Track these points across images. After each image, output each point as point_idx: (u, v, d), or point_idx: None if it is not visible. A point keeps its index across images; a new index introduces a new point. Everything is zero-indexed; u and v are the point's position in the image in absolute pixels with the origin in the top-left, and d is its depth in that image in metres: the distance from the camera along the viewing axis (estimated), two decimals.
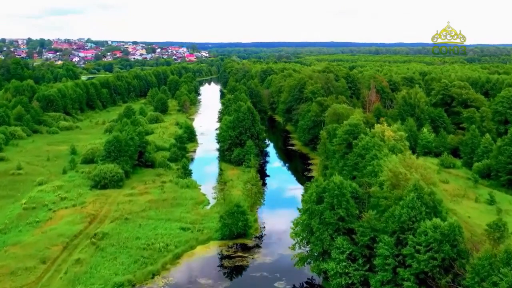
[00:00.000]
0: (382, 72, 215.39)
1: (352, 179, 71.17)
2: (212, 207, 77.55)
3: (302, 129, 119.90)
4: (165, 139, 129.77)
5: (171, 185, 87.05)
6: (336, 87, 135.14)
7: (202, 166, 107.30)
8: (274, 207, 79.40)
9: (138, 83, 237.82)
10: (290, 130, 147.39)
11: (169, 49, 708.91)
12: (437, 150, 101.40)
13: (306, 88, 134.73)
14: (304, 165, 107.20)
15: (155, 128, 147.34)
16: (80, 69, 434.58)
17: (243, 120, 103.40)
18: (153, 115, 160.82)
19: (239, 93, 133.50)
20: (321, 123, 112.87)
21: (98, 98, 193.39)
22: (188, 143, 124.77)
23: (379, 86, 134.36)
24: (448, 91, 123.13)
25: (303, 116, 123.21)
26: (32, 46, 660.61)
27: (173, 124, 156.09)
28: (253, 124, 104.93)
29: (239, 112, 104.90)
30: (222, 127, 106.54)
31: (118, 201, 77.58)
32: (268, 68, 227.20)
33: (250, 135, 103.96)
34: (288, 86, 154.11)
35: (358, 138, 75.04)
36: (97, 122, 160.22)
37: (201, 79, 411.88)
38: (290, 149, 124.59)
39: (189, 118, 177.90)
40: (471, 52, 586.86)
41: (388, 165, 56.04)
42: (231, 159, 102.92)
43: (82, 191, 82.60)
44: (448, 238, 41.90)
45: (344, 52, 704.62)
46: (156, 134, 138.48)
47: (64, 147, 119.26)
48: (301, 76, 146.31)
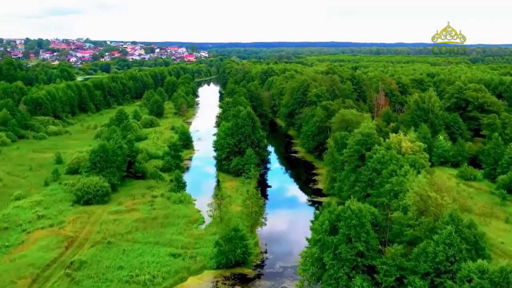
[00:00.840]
0: (387, 73, 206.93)
1: (366, 197, 62.78)
2: (208, 226, 69.03)
3: (306, 135, 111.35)
4: (159, 145, 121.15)
5: (163, 200, 78.49)
6: (341, 89, 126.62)
7: (197, 177, 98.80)
8: (277, 227, 70.67)
9: (134, 85, 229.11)
10: (292, 135, 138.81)
11: (168, 49, 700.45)
12: (454, 160, 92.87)
13: (310, 90, 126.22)
14: (309, 175, 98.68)
15: (149, 133, 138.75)
16: (77, 69, 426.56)
17: (242, 127, 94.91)
18: (147, 119, 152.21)
19: (238, 96, 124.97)
20: (326, 129, 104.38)
21: (91, 101, 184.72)
22: (184, 150, 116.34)
23: (387, 88, 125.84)
24: (462, 94, 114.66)
25: (306, 121, 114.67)
26: (30, 46, 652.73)
27: (168, 129, 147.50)
28: (253, 130, 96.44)
29: (238, 117, 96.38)
30: (220, 134, 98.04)
31: (101, 220, 69.01)
32: (269, 69, 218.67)
33: (250, 143, 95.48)
34: (290, 88, 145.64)
35: (372, 150, 66.63)
36: (88, 127, 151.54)
37: (200, 80, 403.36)
38: (293, 156, 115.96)
39: (186, 121, 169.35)
40: (474, 52, 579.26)
41: (413, 186, 47.52)
42: (229, 169, 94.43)
43: (63, 208, 74.04)
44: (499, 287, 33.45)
45: (345, 52, 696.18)
46: (150, 140, 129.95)
47: (50, 154, 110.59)
48: (304, 78, 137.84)
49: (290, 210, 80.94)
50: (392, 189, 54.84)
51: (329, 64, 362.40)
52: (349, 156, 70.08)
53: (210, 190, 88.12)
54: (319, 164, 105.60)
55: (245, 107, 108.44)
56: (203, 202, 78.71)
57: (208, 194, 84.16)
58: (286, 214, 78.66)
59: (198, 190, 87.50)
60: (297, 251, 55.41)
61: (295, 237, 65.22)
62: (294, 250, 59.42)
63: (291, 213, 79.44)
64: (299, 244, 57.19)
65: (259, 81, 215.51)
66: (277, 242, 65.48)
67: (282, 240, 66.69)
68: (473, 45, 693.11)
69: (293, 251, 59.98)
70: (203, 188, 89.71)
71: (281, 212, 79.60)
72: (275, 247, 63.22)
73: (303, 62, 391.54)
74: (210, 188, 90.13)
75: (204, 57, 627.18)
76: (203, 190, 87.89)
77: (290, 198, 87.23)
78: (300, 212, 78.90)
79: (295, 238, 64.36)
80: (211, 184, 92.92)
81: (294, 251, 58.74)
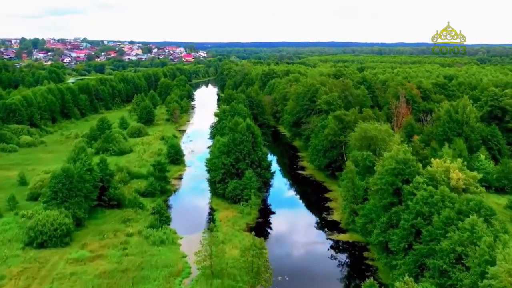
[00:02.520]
0: (399, 75, 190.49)
1: (407, 249, 46.32)
2: (195, 281, 52.53)
3: (316, 150, 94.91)
4: (144, 160, 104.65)
5: (139, 241, 62.01)
6: (355, 95, 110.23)
7: (186, 203, 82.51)
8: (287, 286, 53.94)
9: (124, 87, 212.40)
10: (298, 147, 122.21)
11: (166, 49, 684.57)
12: (499, 184, 76.50)
13: (319, 97, 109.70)
14: (321, 199, 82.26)
15: (135, 144, 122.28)
16: (70, 70, 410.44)
17: (241, 143, 78.47)
18: (134, 127, 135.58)
19: (237, 102, 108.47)
20: (340, 145, 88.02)
21: (76, 106, 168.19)
22: (173, 167, 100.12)
23: (408, 94, 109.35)
24: (498, 102, 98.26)
25: (316, 134, 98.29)
26: (25, 46, 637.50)
27: (158, 139, 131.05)
28: (254, 147, 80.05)
29: (235, 131, 79.95)
30: (214, 152, 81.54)
31: (55, 274, 52.47)
32: (270, 71, 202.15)
33: (250, 163, 79.12)
34: (295, 93, 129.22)
35: (412, 183, 50.15)
36: (68, 136, 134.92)
37: (198, 81, 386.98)
38: (300, 174, 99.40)
39: (179, 129, 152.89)
40: (480, 53, 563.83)
41: (500, 258, 31.10)
42: (225, 194, 78.02)
43: (11, 253, 57.57)
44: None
45: (346, 52, 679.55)
46: (135, 152, 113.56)
47: (15, 172, 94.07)
48: (311, 82, 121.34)
49: (303, 254, 64.04)
50: (453, 249, 38.45)
51: (333, 65, 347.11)
52: (379, 189, 53.63)
53: (200, 223, 71.46)
54: (332, 185, 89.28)
55: (244, 117, 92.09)
56: (191, 241, 62.09)
57: (198, 229, 67.11)
58: (298, 261, 61.82)
59: (185, 223, 71.16)
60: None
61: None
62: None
63: (305, 259, 62.53)
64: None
65: (259, 84, 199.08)
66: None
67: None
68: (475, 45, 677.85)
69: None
70: (192, 220, 73.24)
71: (292, 256, 62.95)
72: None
73: (306, 63, 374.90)
74: (201, 220, 73.56)
75: (202, 57, 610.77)
76: (192, 223, 71.42)
77: (301, 233, 70.58)
78: (317, 257, 62.41)
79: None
80: (202, 214, 76.35)
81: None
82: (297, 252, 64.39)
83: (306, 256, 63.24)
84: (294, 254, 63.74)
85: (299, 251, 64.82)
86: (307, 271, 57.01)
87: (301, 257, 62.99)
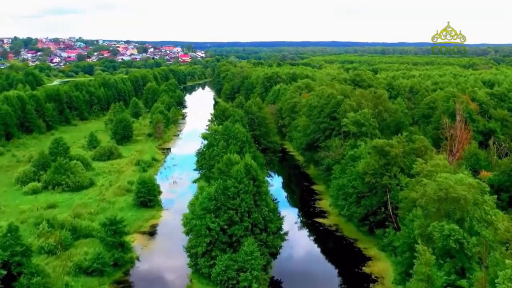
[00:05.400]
0: (425, 79, 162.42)
1: None
2: None
3: (344, 193, 66.52)
4: (106, 202, 76.46)
5: None
6: (391, 112, 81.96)
7: (153, 286, 54.00)
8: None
9: (105, 93, 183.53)
10: (313, 177, 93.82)
11: (163, 49, 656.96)
12: None
13: (342, 113, 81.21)
14: (358, 277, 54.04)
15: (101, 173, 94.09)
16: (56, 71, 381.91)
17: (236, 196, 50.19)
18: (104, 148, 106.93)
19: (232, 121, 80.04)
20: (385, 191, 59.71)
21: (41, 117, 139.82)
22: (143, 212, 72.24)
23: (465, 110, 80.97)
24: None
25: (343, 168, 69.91)
26: (17, 45, 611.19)
27: (132, 163, 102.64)
28: (256, 201, 51.77)
29: (228, 176, 51.62)
30: (194, 209, 52.89)
31: None
32: (273, 74, 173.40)
33: (252, 226, 50.83)
34: (307, 105, 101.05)
35: None
36: (19, 160, 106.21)
37: (194, 84, 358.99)
38: (320, 224, 70.86)
39: (162, 147, 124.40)
40: (492, 52, 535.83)
41: None
42: (210, 274, 49.68)
43: None
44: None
45: (348, 52, 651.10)
46: (96, 186, 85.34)
47: None
48: (329, 92, 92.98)
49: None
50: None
51: (340, 66, 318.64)
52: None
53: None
54: (370, 247, 61.11)
55: (241, 148, 63.97)
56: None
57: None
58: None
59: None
60: None
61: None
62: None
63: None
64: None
65: (261, 89, 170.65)
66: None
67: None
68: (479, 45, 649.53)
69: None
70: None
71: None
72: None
73: (310, 64, 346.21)
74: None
75: (200, 57, 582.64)
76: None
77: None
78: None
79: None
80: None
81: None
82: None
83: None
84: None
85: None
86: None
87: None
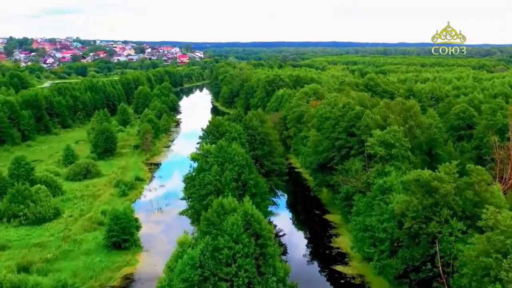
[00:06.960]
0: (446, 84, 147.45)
1: None
2: None
3: (373, 237, 51.18)
4: (70, 241, 61.16)
5: None
6: (425, 127, 66.61)
7: None
8: None
9: (92, 97, 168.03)
10: (327, 205, 78.42)
11: (161, 49, 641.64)
12: None
13: (363, 128, 65.82)
14: None
15: (72, 198, 78.79)
16: (48, 72, 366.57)
17: (229, 262, 34.82)
18: (80, 165, 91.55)
19: (229, 138, 64.79)
20: (433, 241, 44.30)
21: (16, 126, 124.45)
22: (116, 256, 57.02)
23: None
24: None
25: (369, 203, 54.53)
26: (11, 45, 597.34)
27: (112, 184, 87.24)
28: (260, 268, 36.41)
29: (220, 231, 36.25)
30: (172, 278, 37.47)
31: None
32: (275, 77, 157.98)
33: None
34: (317, 116, 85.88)
35: None
36: None
37: (191, 85, 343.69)
38: (342, 275, 55.44)
39: (150, 162, 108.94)
40: (498, 53, 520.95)
41: None
42: None
43: None
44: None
45: (349, 52, 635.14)
46: (63, 217, 70.01)
47: None
48: (345, 102, 77.67)
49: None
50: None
51: (345, 68, 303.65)
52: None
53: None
54: None
55: (239, 174, 48.85)
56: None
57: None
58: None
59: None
60: None
61: None
62: None
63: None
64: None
65: (262, 94, 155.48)
66: None
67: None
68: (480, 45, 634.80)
69: None
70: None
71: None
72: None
73: (312, 65, 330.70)
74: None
75: (199, 57, 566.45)
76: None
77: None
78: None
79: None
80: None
81: None
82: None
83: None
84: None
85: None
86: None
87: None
